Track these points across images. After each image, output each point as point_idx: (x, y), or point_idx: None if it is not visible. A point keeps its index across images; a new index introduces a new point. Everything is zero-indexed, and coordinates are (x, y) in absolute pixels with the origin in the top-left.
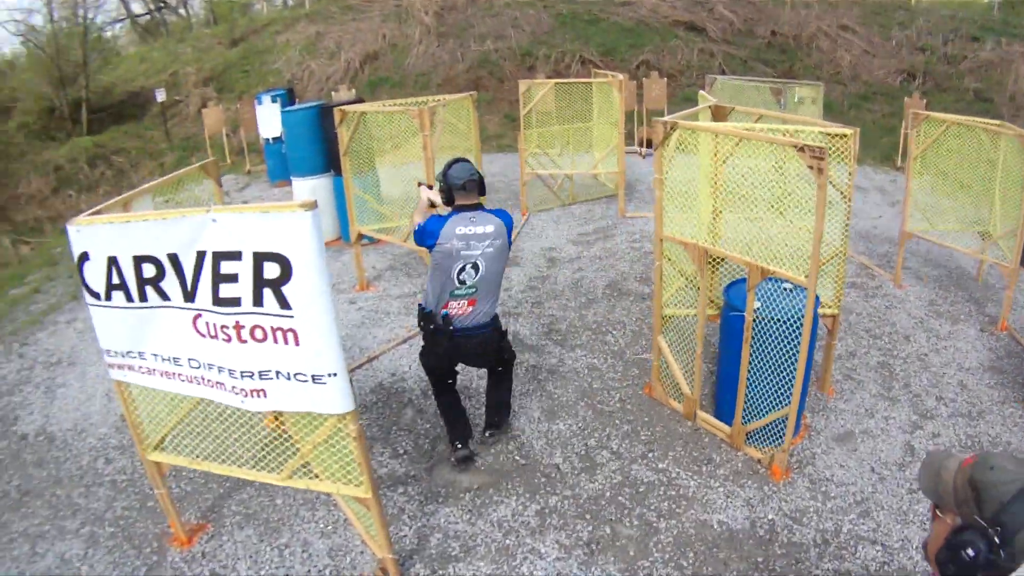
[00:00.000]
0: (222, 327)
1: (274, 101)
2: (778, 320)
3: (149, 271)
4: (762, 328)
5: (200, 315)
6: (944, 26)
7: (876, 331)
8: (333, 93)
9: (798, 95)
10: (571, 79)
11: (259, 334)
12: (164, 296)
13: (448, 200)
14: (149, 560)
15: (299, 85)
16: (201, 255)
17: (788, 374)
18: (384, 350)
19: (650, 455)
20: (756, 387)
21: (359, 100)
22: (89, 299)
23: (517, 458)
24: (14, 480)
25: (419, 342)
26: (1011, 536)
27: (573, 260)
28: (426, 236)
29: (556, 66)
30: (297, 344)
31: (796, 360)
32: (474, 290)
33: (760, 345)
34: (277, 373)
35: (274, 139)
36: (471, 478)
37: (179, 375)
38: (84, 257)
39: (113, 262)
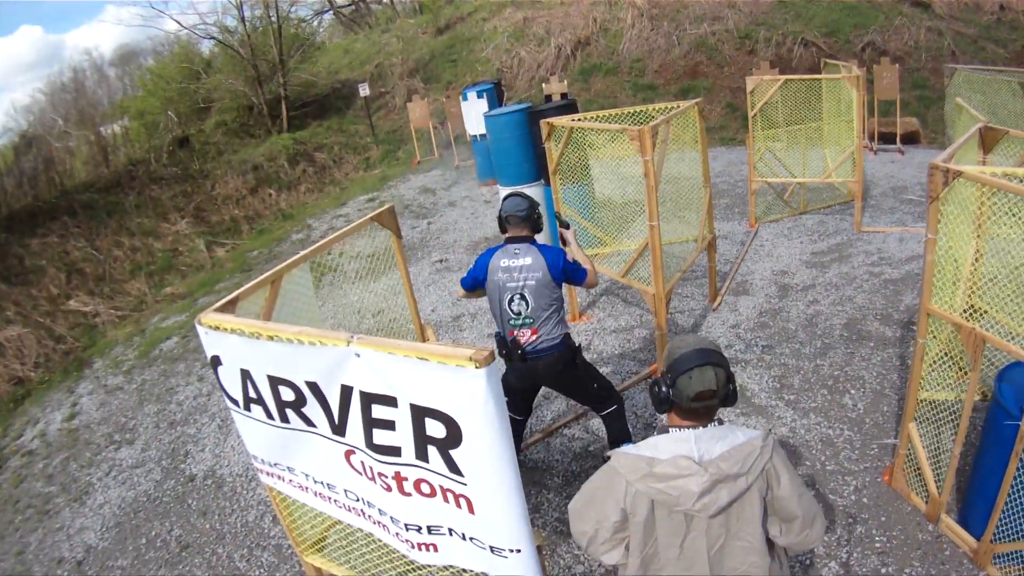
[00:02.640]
0: (380, 474)
1: (480, 96)
2: None
3: (287, 395)
4: None
5: (353, 452)
6: None
7: None
8: (544, 85)
9: None
10: (802, 75)
11: (425, 489)
12: (309, 422)
13: (502, 231)
14: None
15: (508, 73)
16: (347, 391)
17: None
18: None
19: (883, 571)
20: (1017, 504)
21: (571, 101)
22: (228, 403)
23: None
24: (175, 530)
25: (634, 396)
26: (674, 380)
27: (807, 288)
28: (475, 268)
29: (778, 50)
30: (472, 512)
31: None
32: (531, 320)
33: None
34: (450, 531)
35: (481, 136)
36: None
37: (335, 501)
38: (217, 361)
39: (247, 375)
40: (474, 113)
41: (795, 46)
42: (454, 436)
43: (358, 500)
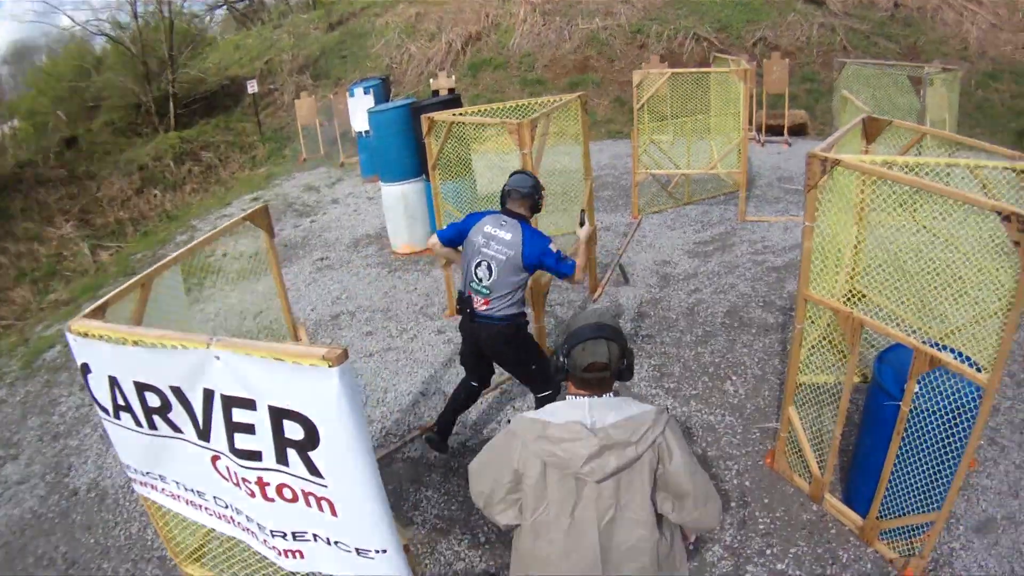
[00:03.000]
0: (243, 479)
1: (367, 92)
2: (941, 413)
3: (153, 400)
4: (920, 420)
5: (219, 457)
6: None
7: (1021, 376)
8: (431, 80)
9: (932, 79)
10: (689, 69)
11: (288, 494)
12: (175, 428)
13: (502, 204)
14: None
15: (397, 69)
16: (209, 394)
17: (941, 476)
18: None
19: (768, 552)
20: (900, 482)
21: (455, 96)
22: (99, 412)
23: None
24: (61, 546)
25: (512, 390)
26: (568, 351)
27: (689, 278)
28: (463, 222)
29: (669, 44)
30: (335, 515)
31: (957, 461)
32: (488, 291)
33: (914, 438)
34: (315, 536)
35: (366, 132)
36: None
37: (206, 508)
38: (86, 368)
39: (115, 383)
40: (360, 109)
41: (687, 40)
42: (312, 437)
43: (227, 507)
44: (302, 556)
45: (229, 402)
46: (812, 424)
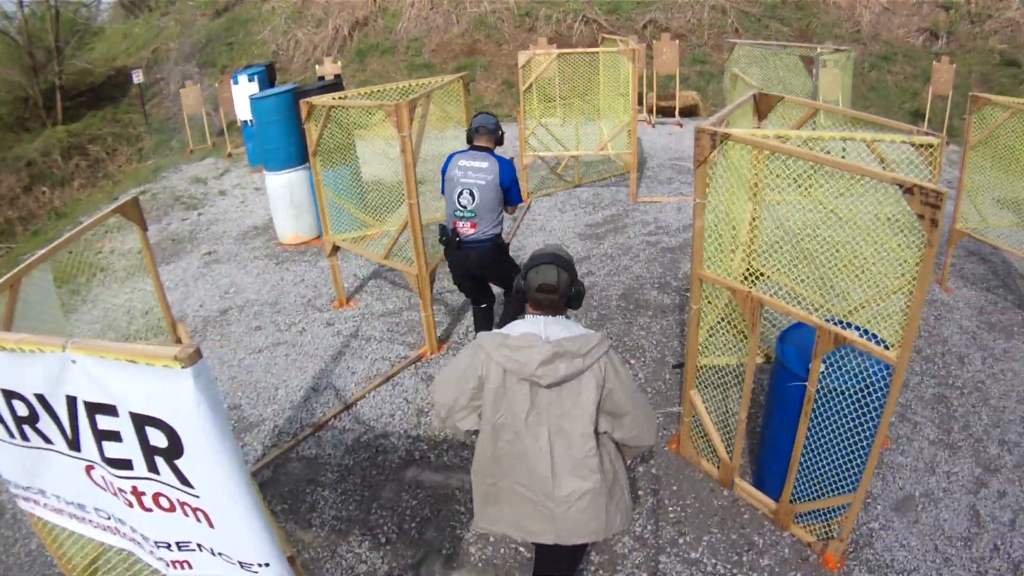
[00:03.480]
0: (120, 489)
1: (251, 80)
2: (849, 392)
3: (21, 409)
4: (828, 401)
5: (93, 467)
6: None
7: (927, 351)
8: (317, 67)
9: (825, 60)
10: (577, 49)
11: (164, 503)
12: (46, 439)
13: (469, 141)
14: None
15: (284, 56)
16: (72, 401)
17: (855, 456)
18: (362, 395)
19: (681, 541)
20: (812, 463)
21: (337, 80)
22: None
23: (521, 550)
24: None
25: (404, 382)
26: (526, 274)
27: (581, 261)
28: (442, 171)
29: (558, 27)
30: (212, 526)
31: (870, 441)
32: (473, 215)
33: (823, 418)
34: (199, 546)
35: (251, 121)
36: None
37: (90, 521)
38: None
39: None
40: (245, 97)
41: (576, 23)
42: (175, 445)
43: (109, 518)
44: (190, 566)
45: (92, 409)
46: (717, 407)
